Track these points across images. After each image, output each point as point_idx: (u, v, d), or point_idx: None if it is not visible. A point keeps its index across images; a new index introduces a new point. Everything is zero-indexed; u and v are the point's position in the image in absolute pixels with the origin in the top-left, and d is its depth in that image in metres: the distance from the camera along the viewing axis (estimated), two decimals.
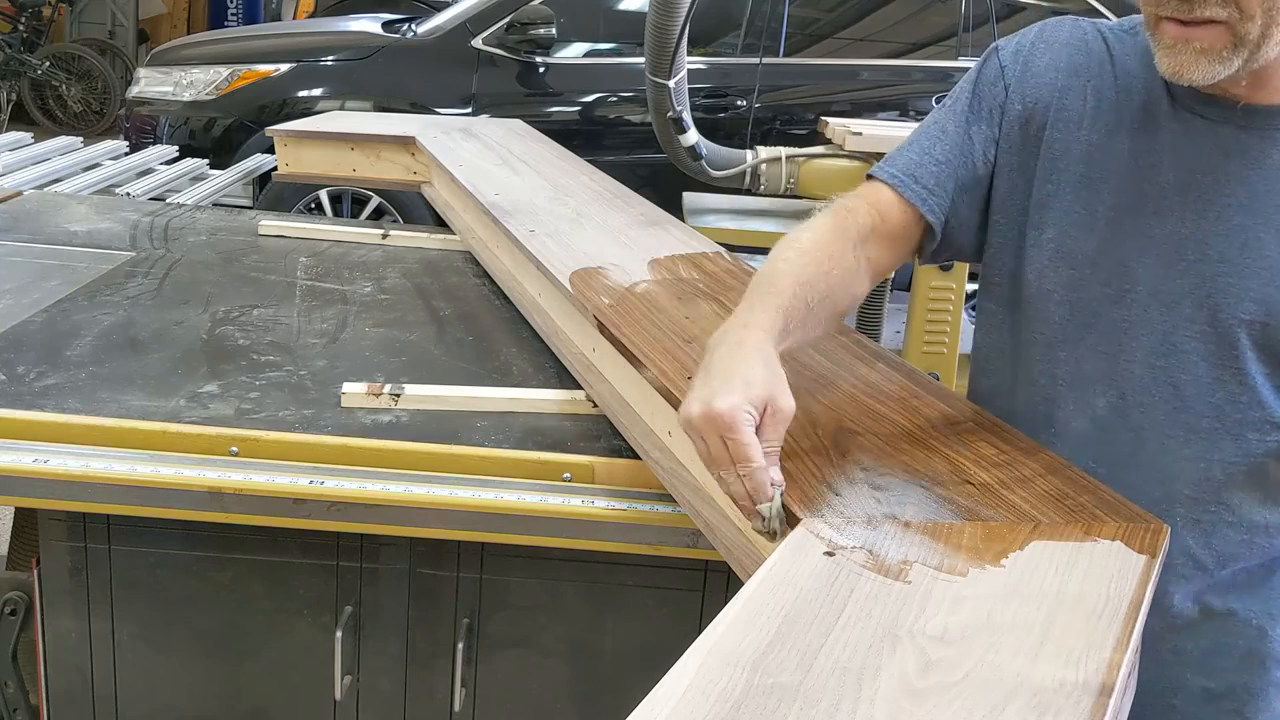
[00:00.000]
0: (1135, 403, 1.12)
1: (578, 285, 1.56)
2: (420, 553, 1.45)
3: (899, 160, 1.22)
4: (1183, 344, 1.09)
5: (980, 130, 1.20)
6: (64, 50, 8.37)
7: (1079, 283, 1.14)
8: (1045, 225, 1.17)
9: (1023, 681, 0.76)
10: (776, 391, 1.00)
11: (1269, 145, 1.06)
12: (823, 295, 1.11)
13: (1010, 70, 1.20)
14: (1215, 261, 1.07)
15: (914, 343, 3.02)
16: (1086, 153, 1.14)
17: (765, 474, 0.98)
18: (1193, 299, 1.08)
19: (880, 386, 1.26)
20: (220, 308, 1.78)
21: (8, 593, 1.53)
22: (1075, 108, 1.16)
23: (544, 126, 3.00)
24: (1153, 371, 1.11)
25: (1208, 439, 1.10)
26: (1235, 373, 1.08)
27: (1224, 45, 1.00)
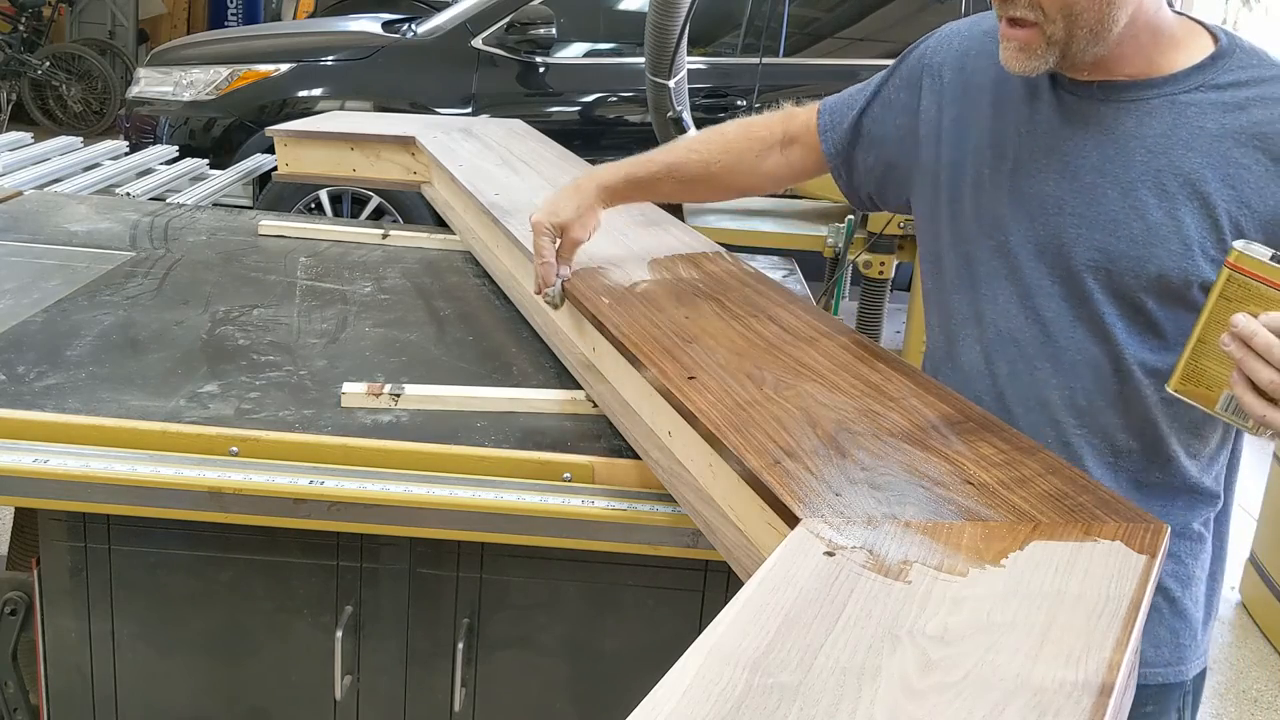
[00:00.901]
0: (1010, 338, 1.28)
1: (578, 285, 1.56)
2: (420, 553, 1.45)
3: (837, 95, 1.52)
4: (1046, 287, 1.25)
5: (894, 94, 1.43)
6: (64, 50, 8.37)
7: (968, 236, 1.31)
8: (946, 186, 1.34)
9: (1023, 681, 0.76)
10: (573, 224, 1.50)
11: (1121, 114, 1.21)
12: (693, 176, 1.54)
13: (933, 50, 1.40)
14: (1068, 215, 1.23)
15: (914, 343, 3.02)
16: (984, 125, 1.31)
17: (551, 268, 1.50)
18: (1051, 248, 1.24)
19: (880, 386, 1.26)
20: (220, 308, 1.78)
21: (8, 593, 1.53)
22: (980, 86, 1.33)
23: (544, 126, 3.00)
24: (1025, 311, 1.26)
25: (1070, 370, 1.24)
26: (1088, 313, 1.22)
27: (1037, 43, 1.17)
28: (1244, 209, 1.15)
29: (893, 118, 1.42)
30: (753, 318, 1.45)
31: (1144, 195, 1.18)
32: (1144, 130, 1.20)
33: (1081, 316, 1.23)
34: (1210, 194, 1.16)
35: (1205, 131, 1.17)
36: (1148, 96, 1.20)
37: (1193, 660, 1.31)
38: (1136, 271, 1.19)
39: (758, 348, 1.36)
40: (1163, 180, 1.18)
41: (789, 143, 1.52)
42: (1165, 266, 1.17)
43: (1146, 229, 1.18)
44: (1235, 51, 1.20)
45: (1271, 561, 3.21)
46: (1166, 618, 1.28)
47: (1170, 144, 1.18)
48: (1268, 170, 1.15)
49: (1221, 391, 1.04)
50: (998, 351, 1.29)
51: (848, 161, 1.48)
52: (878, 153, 1.44)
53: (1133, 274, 1.19)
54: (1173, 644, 1.29)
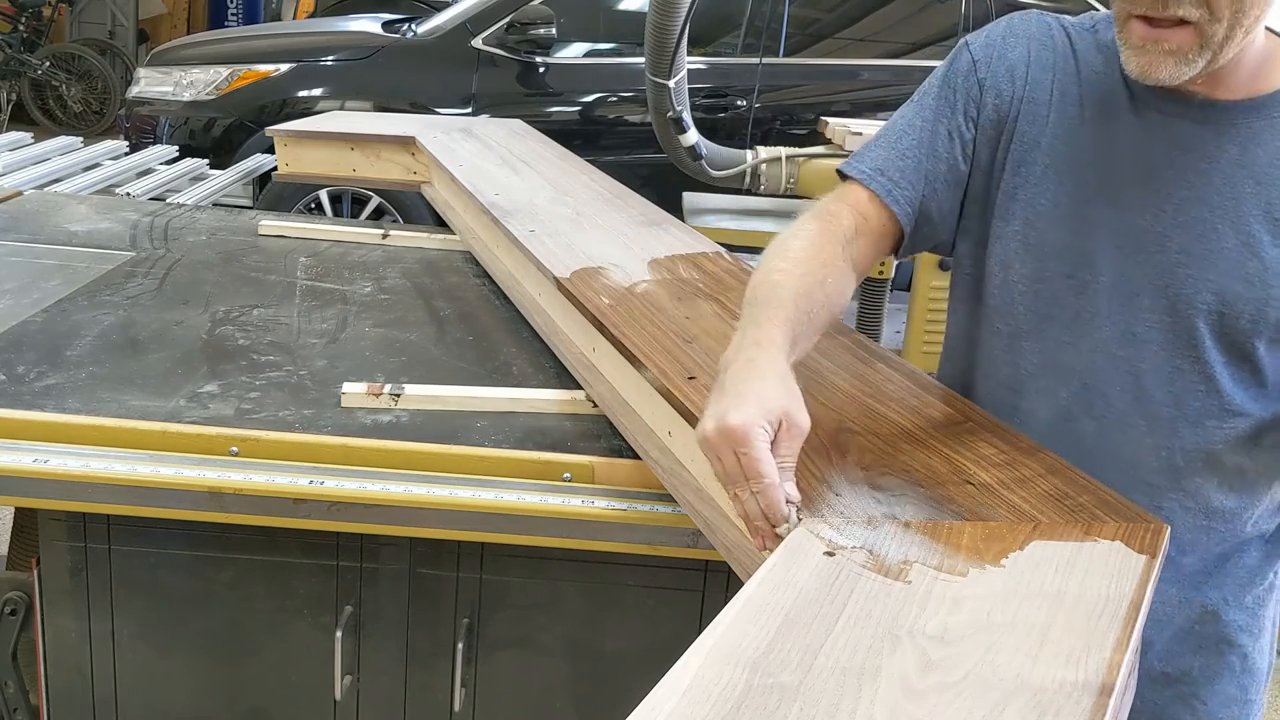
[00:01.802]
0: (1097, 392, 1.14)
1: (577, 285, 1.56)
2: (420, 553, 1.45)
3: (867, 157, 1.23)
4: (1143, 334, 1.12)
5: (954, 124, 1.21)
6: (64, 50, 8.36)
7: (1042, 274, 1.16)
8: (1011, 217, 1.18)
9: (1023, 681, 0.76)
10: (792, 407, 0.98)
11: (1224, 139, 1.09)
12: (821, 304, 1.12)
13: (983, 64, 1.21)
14: (1174, 253, 1.10)
15: (914, 343, 3.02)
16: (1052, 145, 1.16)
17: (779, 491, 0.95)
18: (1152, 290, 1.11)
19: (880, 386, 1.26)
20: (220, 308, 1.78)
21: (8, 593, 1.53)
22: (1043, 101, 1.18)
23: (544, 126, 2.99)
24: (1114, 361, 1.13)
25: (1168, 427, 1.13)
26: (1194, 362, 1.11)
27: (1191, 47, 1.03)
28: None
29: (963, 149, 1.22)
30: None
31: (1257, 231, 1.08)
32: (1250, 158, 1.09)
33: (1184, 367, 1.12)
34: None
35: None
36: (1250, 120, 1.09)
37: (1256, 714, 1.25)
38: (1254, 315, 1.08)
39: None
40: (1275, 213, 1.08)
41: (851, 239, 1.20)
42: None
43: (1264, 268, 1.07)
44: None
45: None
46: (1238, 674, 1.22)
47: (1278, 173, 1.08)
48: None
49: None
50: (1080, 408, 1.16)
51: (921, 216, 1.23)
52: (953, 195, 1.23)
53: (1249, 318, 1.08)
54: (1241, 701, 1.23)
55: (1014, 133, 1.19)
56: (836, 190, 1.25)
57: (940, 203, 1.22)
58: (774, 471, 0.95)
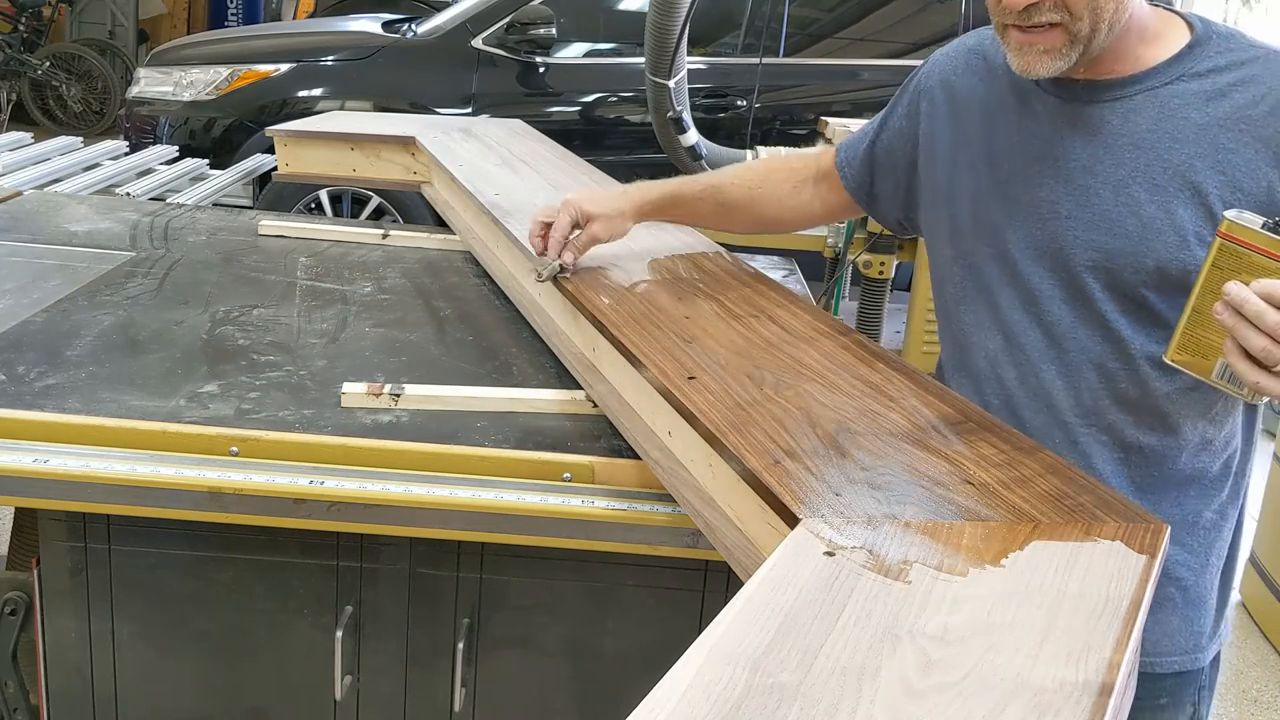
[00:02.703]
0: (1015, 343, 1.29)
1: (577, 285, 1.56)
2: (420, 553, 1.45)
3: (849, 136, 1.55)
4: (1046, 290, 1.26)
5: (898, 123, 1.46)
6: (64, 50, 8.37)
7: (963, 249, 1.34)
8: (940, 203, 1.38)
9: (1023, 681, 0.76)
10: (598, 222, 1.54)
11: (1106, 113, 1.23)
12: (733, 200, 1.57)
13: (927, 75, 1.43)
14: (1064, 218, 1.24)
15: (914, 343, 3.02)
16: (970, 136, 1.34)
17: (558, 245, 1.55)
18: (1051, 252, 1.25)
19: (880, 386, 1.26)
20: (220, 308, 1.78)
21: (8, 593, 1.53)
22: (971, 102, 1.36)
23: (544, 126, 2.99)
24: (1028, 315, 1.28)
25: (1075, 371, 1.26)
26: (1090, 312, 1.24)
27: (1062, 43, 1.17)
28: (1236, 193, 1.16)
29: (901, 144, 1.45)
30: (753, 318, 1.45)
31: (1136, 192, 1.20)
32: (1130, 127, 1.21)
33: (1084, 317, 1.24)
34: (1201, 183, 1.17)
35: (1190, 122, 1.19)
36: (1131, 93, 1.22)
37: (1208, 648, 1.31)
38: (1135, 267, 1.20)
39: (758, 348, 1.36)
40: (1153, 175, 1.19)
41: (821, 179, 1.57)
42: (1163, 259, 1.18)
43: (1141, 225, 1.20)
44: (1212, 38, 1.22)
45: (1271, 561, 3.21)
46: (1180, 606, 1.28)
47: (1157, 138, 1.20)
48: (1257, 152, 1.16)
49: (1217, 360, 1.04)
50: (1004, 357, 1.30)
51: (870, 193, 1.52)
52: (894, 179, 1.48)
53: (1131, 270, 1.20)
54: (1186, 632, 1.29)
55: (945, 132, 1.38)
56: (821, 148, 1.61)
57: (884, 185, 1.50)
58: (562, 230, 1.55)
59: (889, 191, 1.49)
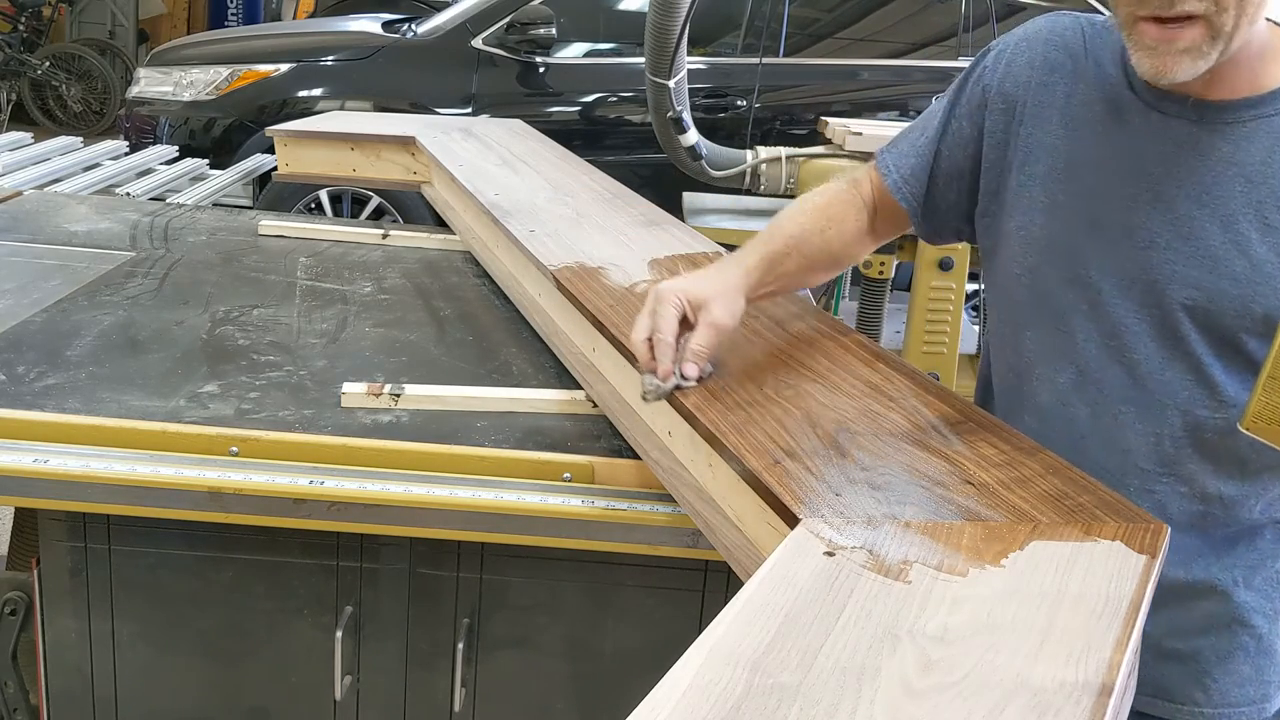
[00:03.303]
0: (1091, 379, 1.18)
1: (577, 285, 1.56)
2: (420, 553, 1.45)
3: (894, 145, 1.37)
4: (1133, 325, 1.15)
5: (959, 125, 1.29)
6: (64, 50, 8.36)
7: (1039, 268, 1.21)
8: (1014, 213, 1.23)
9: (1023, 681, 0.76)
10: (715, 303, 1.23)
11: (1217, 138, 1.11)
12: (817, 247, 1.32)
13: (991, 71, 1.27)
14: (1161, 249, 1.12)
15: (914, 343, 3.02)
16: (1054, 145, 1.20)
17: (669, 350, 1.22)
18: (1141, 284, 1.14)
19: (880, 386, 1.26)
20: (220, 308, 1.78)
21: (8, 593, 1.53)
22: (1048, 103, 1.22)
23: (544, 126, 2.99)
24: (1106, 350, 1.17)
25: (1158, 414, 1.16)
26: (1182, 354, 1.13)
27: (1203, 40, 1.04)
28: None
29: (963, 149, 1.29)
30: (753, 318, 1.45)
31: (1246, 229, 1.09)
32: (1242, 156, 1.10)
33: (1173, 358, 1.14)
34: None
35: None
36: (1245, 118, 1.10)
37: (1275, 697, 1.25)
38: (1239, 311, 1.10)
39: (758, 348, 1.36)
40: (1266, 213, 1.08)
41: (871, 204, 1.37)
42: (1272, 306, 1.08)
43: (1251, 266, 1.09)
44: None
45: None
46: (1252, 654, 1.22)
47: (1271, 171, 1.09)
48: None
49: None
50: (1076, 394, 1.19)
51: (928, 207, 1.34)
52: (956, 189, 1.31)
53: (1234, 314, 1.10)
54: (1257, 681, 1.23)
55: (1021, 134, 1.23)
56: (871, 164, 1.38)
57: (945, 196, 1.32)
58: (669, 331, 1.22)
59: (951, 202, 1.32)
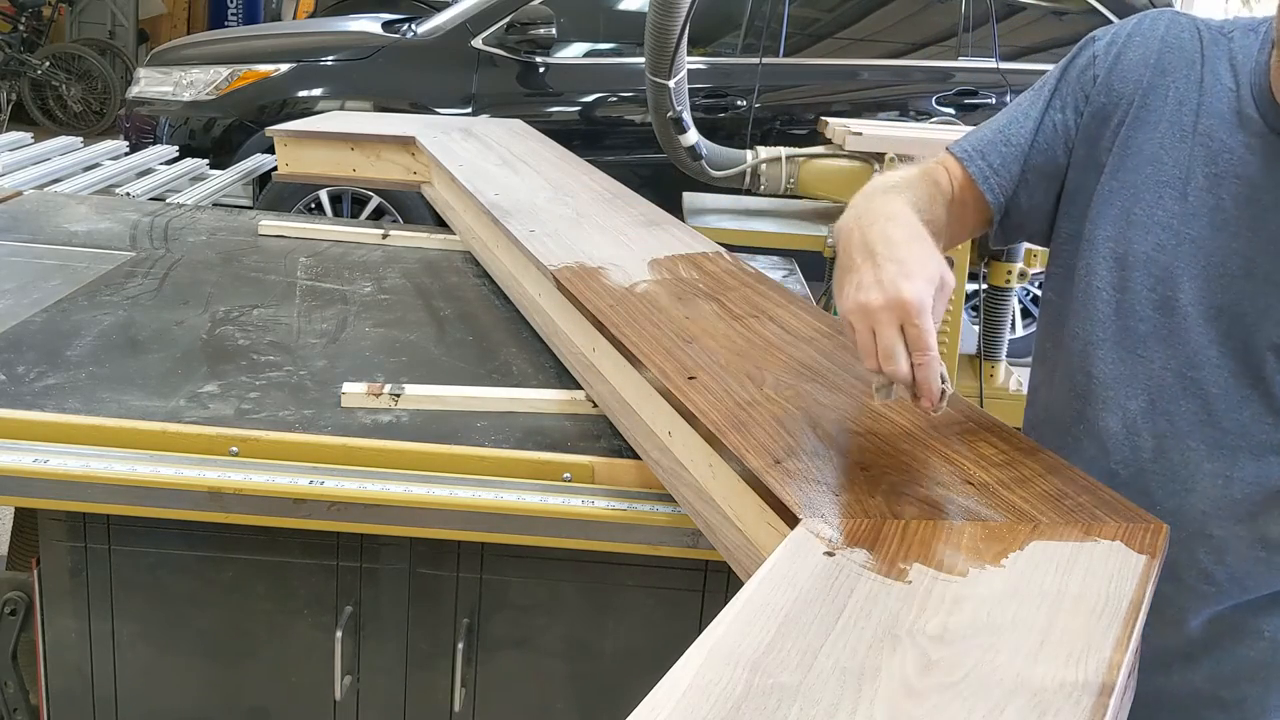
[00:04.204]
0: (1163, 409, 1.11)
1: (577, 285, 1.56)
2: (420, 553, 1.45)
3: (975, 136, 1.23)
4: (1215, 358, 1.07)
5: (1061, 116, 1.19)
6: (64, 50, 8.37)
7: (1125, 284, 1.12)
8: (1104, 221, 1.15)
9: (1023, 681, 0.76)
10: (944, 268, 0.98)
11: None
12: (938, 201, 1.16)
13: (1101, 61, 1.17)
14: (1259, 280, 1.05)
15: None
16: (1157, 155, 1.12)
17: (939, 364, 0.96)
18: (1231, 314, 1.06)
19: None
20: (220, 308, 1.78)
21: (8, 593, 1.53)
22: (1156, 108, 1.13)
23: (544, 126, 3.00)
24: (1183, 381, 1.09)
25: (1229, 455, 1.08)
26: (1263, 394, 1.07)
27: None
28: None
29: (1058, 143, 1.20)
30: (753, 318, 1.45)
31: None
32: None
33: (1253, 397, 1.07)
34: None
35: None
36: None
37: None
38: None
39: (758, 348, 1.36)
40: None
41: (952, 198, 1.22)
42: None
43: None
44: None
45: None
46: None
47: None
48: None
49: None
50: (1144, 423, 1.12)
51: (1014, 205, 1.23)
52: (1046, 187, 1.21)
53: None
54: None
55: (1120, 136, 1.15)
56: (940, 158, 1.24)
57: (1032, 194, 1.21)
58: (935, 343, 0.95)
59: (1037, 202, 1.22)
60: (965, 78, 4.66)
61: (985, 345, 3.42)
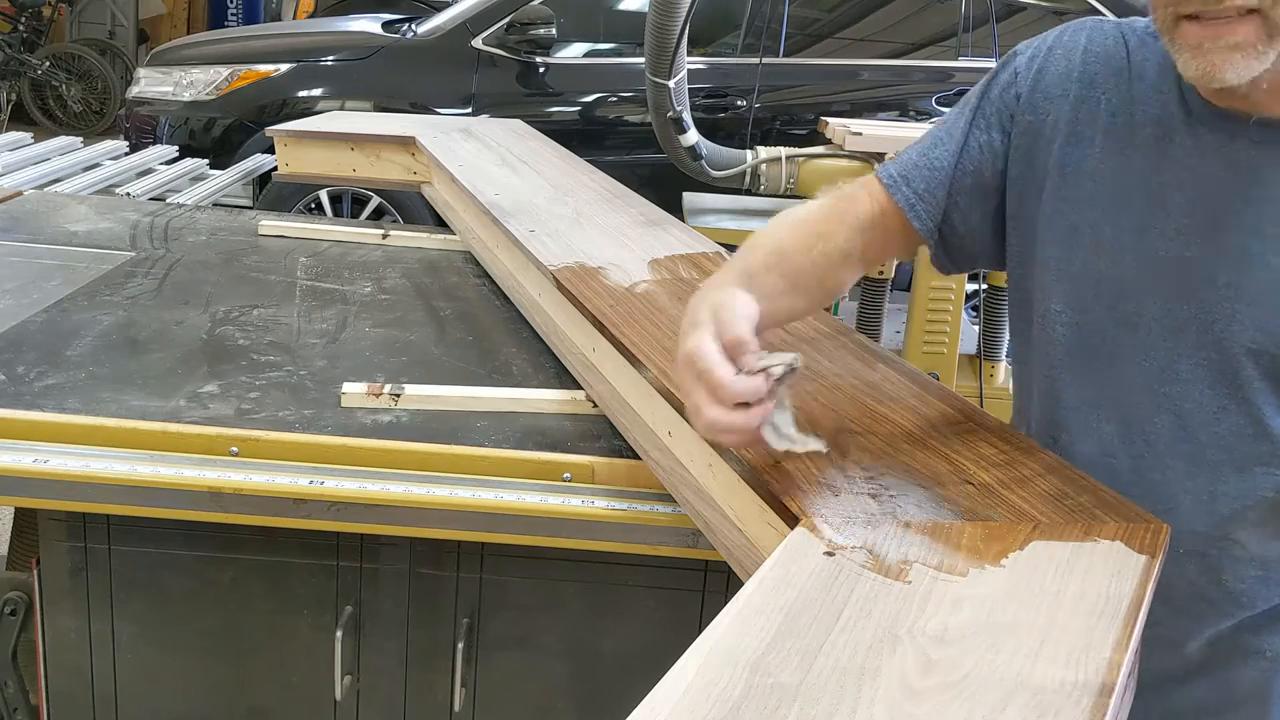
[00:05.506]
0: (1137, 430, 1.07)
1: (577, 285, 1.56)
2: (420, 553, 1.45)
3: (901, 160, 1.19)
4: (1186, 372, 1.04)
5: (986, 137, 1.15)
6: (64, 50, 8.36)
7: (1082, 304, 1.09)
8: (1051, 242, 1.11)
9: (1023, 681, 0.76)
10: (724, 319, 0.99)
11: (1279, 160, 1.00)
12: (801, 268, 1.12)
13: (1024, 78, 1.14)
14: (1221, 286, 1.01)
15: (914, 343, 3.01)
16: (1097, 169, 1.08)
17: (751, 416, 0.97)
18: (1197, 325, 1.03)
19: (880, 386, 1.26)
20: (220, 308, 1.78)
21: (8, 593, 1.53)
22: (1089, 122, 1.09)
23: (544, 126, 2.99)
24: (1155, 399, 1.06)
25: (1211, 471, 1.05)
26: (1241, 403, 1.03)
27: (1258, 38, 0.92)
28: None
29: (988, 164, 1.16)
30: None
31: None
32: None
33: (1231, 408, 1.03)
34: None
35: None
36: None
37: None
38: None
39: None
40: None
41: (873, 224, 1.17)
42: None
43: None
44: None
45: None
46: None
47: None
48: None
49: None
50: (1121, 446, 1.09)
51: (947, 228, 1.19)
52: (980, 210, 1.18)
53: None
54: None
55: (1055, 153, 1.11)
56: (865, 179, 1.21)
57: (966, 217, 1.18)
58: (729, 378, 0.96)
59: (974, 225, 1.18)
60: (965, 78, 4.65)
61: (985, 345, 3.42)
